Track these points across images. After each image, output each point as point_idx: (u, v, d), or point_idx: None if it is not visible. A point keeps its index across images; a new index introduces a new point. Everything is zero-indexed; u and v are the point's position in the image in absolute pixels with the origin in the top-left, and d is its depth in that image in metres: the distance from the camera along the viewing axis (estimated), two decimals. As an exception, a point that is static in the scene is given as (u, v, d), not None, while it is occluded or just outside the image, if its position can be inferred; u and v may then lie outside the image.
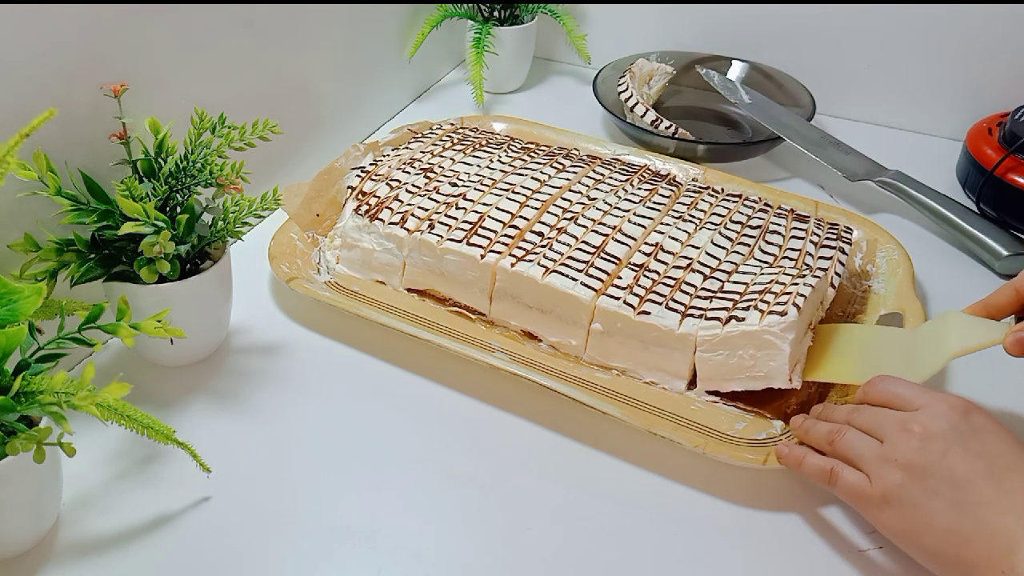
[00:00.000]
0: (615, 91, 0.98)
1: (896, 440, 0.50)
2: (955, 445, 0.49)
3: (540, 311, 0.66)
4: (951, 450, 0.48)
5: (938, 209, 0.82)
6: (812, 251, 0.69)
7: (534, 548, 0.54)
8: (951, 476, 0.48)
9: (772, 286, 0.63)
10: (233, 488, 0.56)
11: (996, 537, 0.46)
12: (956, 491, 0.47)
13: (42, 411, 0.47)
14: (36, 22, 0.56)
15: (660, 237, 0.70)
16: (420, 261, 0.70)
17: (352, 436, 0.61)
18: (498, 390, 0.64)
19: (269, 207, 0.62)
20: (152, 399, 0.62)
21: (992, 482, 0.47)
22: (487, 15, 1.04)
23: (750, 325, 0.60)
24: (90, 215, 0.57)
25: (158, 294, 0.59)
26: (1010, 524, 0.46)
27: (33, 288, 0.48)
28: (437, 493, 0.57)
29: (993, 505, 0.46)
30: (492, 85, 1.05)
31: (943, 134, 0.98)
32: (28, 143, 0.46)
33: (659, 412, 0.60)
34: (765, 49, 1.02)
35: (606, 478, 0.58)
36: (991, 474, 0.47)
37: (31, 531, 0.51)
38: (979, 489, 0.47)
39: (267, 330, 0.69)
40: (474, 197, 0.73)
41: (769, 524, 0.56)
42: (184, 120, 0.63)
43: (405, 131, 0.86)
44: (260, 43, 0.76)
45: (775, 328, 0.59)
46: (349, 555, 0.53)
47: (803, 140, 0.89)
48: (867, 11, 0.96)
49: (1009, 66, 0.92)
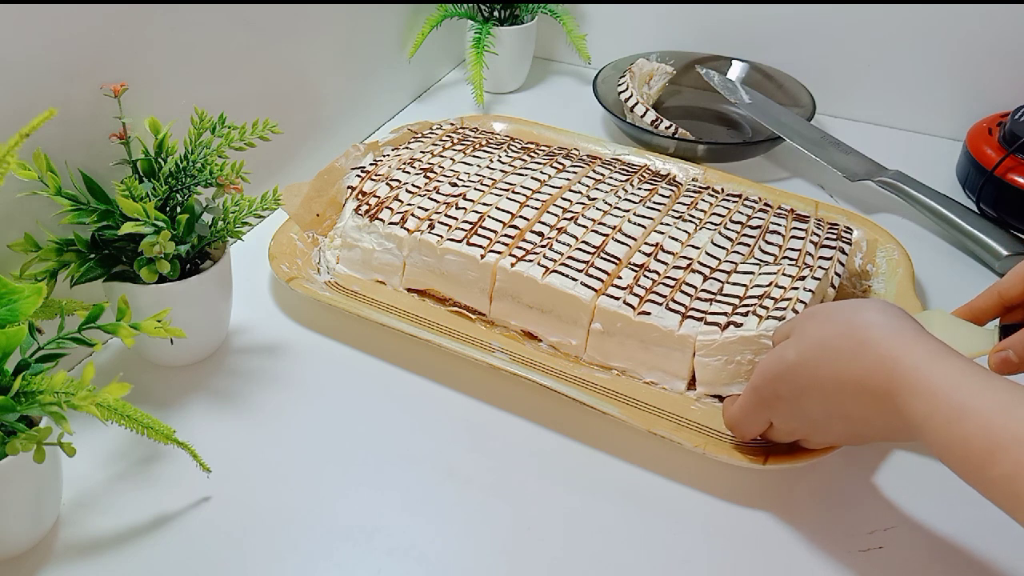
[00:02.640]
0: (615, 91, 0.98)
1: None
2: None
3: (540, 311, 0.66)
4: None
5: (938, 209, 0.82)
6: (812, 251, 0.69)
7: (534, 548, 0.54)
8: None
9: (772, 289, 0.63)
10: (233, 488, 0.56)
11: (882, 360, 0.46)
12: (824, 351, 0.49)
13: (42, 411, 0.47)
14: (36, 22, 0.56)
15: (660, 237, 0.70)
16: (420, 261, 0.70)
17: (352, 436, 0.61)
18: (498, 390, 0.64)
19: (269, 207, 0.62)
20: (152, 399, 0.62)
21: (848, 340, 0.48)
22: (487, 15, 1.04)
23: (748, 331, 0.60)
24: (90, 215, 0.57)
25: (158, 294, 0.59)
26: (889, 345, 0.46)
27: (33, 288, 0.48)
28: (437, 493, 0.57)
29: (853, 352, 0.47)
30: (492, 85, 1.05)
31: (943, 134, 0.98)
32: (28, 143, 0.46)
33: (659, 412, 0.60)
34: (765, 49, 1.02)
35: (606, 478, 0.58)
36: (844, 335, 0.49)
37: (31, 531, 0.51)
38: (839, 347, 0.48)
39: (267, 330, 0.69)
40: (474, 197, 0.73)
41: (769, 524, 0.56)
42: (184, 120, 0.63)
43: (405, 131, 0.86)
44: (260, 43, 0.76)
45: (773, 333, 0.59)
46: (349, 555, 0.53)
47: (803, 140, 0.89)
48: (867, 11, 0.96)
49: (1009, 66, 0.92)
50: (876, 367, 0.46)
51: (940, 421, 0.42)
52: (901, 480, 0.59)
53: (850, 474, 0.59)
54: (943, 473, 0.58)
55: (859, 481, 0.58)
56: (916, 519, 0.56)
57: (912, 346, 0.45)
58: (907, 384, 0.44)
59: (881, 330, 0.47)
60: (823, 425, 0.51)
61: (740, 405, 0.55)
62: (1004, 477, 0.39)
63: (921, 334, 0.46)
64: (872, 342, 0.46)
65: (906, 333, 0.46)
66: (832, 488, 0.58)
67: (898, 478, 0.59)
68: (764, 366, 0.52)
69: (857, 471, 0.59)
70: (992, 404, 0.41)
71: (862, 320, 0.48)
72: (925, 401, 0.43)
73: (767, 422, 0.54)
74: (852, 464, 0.59)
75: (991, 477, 0.40)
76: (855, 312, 0.49)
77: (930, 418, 0.43)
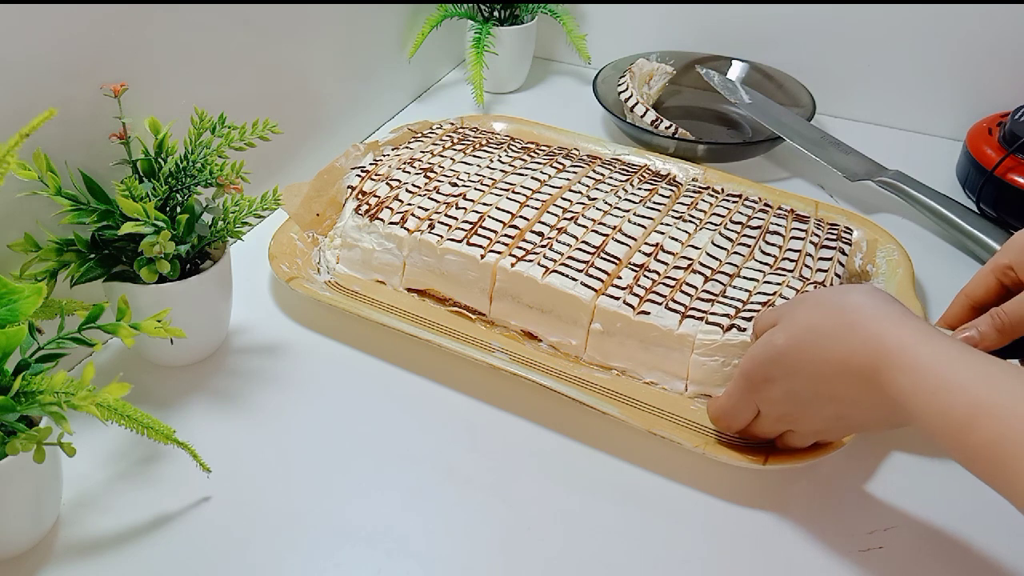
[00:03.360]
0: (615, 91, 0.98)
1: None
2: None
3: (540, 311, 0.66)
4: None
5: (938, 209, 0.82)
6: (812, 252, 0.69)
7: (534, 548, 0.54)
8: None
9: (776, 299, 0.63)
10: (233, 488, 0.56)
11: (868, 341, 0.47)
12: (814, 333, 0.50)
13: (42, 411, 0.47)
14: (36, 22, 0.56)
15: (660, 237, 0.70)
16: (420, 261, 0.70)
17: (352, 436, 0.61)
18: (498, 390, 0.64)
19: (269, 207, 0.62)
20: (152, 399, 0.62)
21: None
22: (487, 15, 1.04)
23: (750, 336, 0.60)
24: (90, 215, 0.57)
25: (158, 294, 0.59)
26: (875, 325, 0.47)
27: (33, 288, 0.48)
28: (437, 493, 0.57)
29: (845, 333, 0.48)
30: (492, 85, 1.05)
31: (943, 134, 0.98)
32: (28, 143, 0.46)
33: (659, 412, 0.60)
34: (765, 49, 1.02)
35: (606, 478, 0.58)
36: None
37: (31, 531, 0.51)
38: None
39: (267, 330, 0.69)
40: (474, 197, 0.73)
41: (769, 524, 0.56)
42: (184, 120, 0.63)
43: (405, 131, 0.86)
44: (260, 43, 0.76)
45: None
46: (349, 555, 0.53)
47: (803, 140, 0.89)
48: (867, 11, 0.96)
49: (1009, 66, 0.92)
50: (863, 347, 0.47)
51: (923, 394, 0.44)
52: (901, 480, 0.59)
53: (850, 474, 0.59)
54: (943, 473, 0.59)
55: (859, 481, 0.58)
56: (916, 519, 0.56)
57: (899, 326, 0.46)
58: (892, 361, 0.45)
59: (868, 311, 0.48)
60: (811, 409, 0.52)
61: (728, 392, 0.56)
62: (983, 444, 0.41)
63: (907, 315, 0.47)
64: (859, 323, 0.47)
65: (893, 315, 0.47)
66: (832, 488, 0.58)
67: (898, 478, 0.59)
68: (753, 352, 0.53)
69: (857, 471, 0.59)
70: (973, 375, 0.43)
71: (850, 302, 0.49)
72: (909, 376, 0.44)
73: (754, 410, 0.55)
74: (852, 464, 0.59)
75: (971, 444, 0.42)
76: (843, 295, 0.50)
77: (914, 392, 0.44)
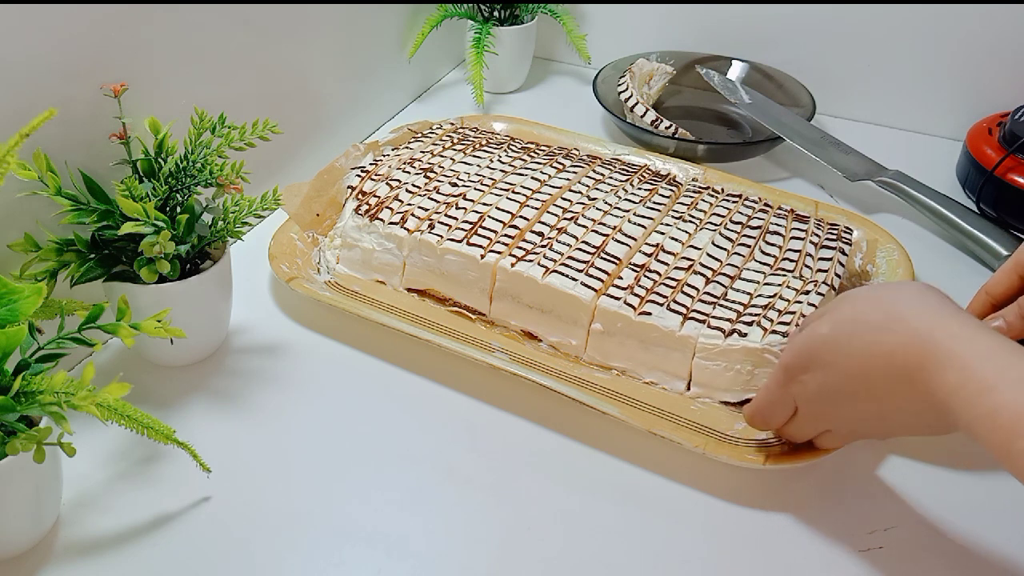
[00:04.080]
0: (615, 91, 0.98)
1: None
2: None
3: (540, 311, 0.66)
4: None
5: (938, 209, 0.82)
6: (812, 252, 0.69)
7: (534, 548, 0.54)
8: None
9: (776, 301, 0.63)
10: (233, 488, 0.56)
11: (915, 331, 0.46)
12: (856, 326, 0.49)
13: (42, 411, 0.47)
14: (36, 22, 0.56)
15: (660, 237, 0.70)
16: (420, 261, 0.70)
17: (352, 436, 0.61)
18: (498, 390, 0.64)
19: (269, 207, 0.62)
20: (152, 399, 0.62)
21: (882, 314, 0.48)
22: (487, 15, 1.04)
23: (752, 342, 0.60)
24: (90, 215, 0.57)
25: (158, 294, 0.59)
26: (922, 320, 0.46)
27: (33, 288, 0.48)
28: (437, 493, 0.57)
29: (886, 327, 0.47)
30: (492, 85, 1.05)
31: (943, 134, 0.98)
32: (28, 143, 0.46)
33: (659, 412, 0.60)
34: (765, 49, 1.02)
35: (606, 478, 0.58)
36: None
37: (31, 531, 0.51)
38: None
39: (267, 330, 0.69)
40: (474, 197, 0.73)
41: (770, 524, 0.56)
42: (184, 120, 0.63)
43: (405, 131, 0.86)
44: (260, 43, 0.76)
45: (776, 348, 0.59)
46: (349, 555, 0.53)
47: (803, 140, 0.89)
48: (867, 11, 0.96)
49: (1009, 66, 0.92)
50: (909, 339, 0.45)
51: (970, 393, 0.42)
52: (901, 480, 0.59)
53: (850, 474, 0.59)
54: (943, 473, 0.59)
55: (859, 481, 0.58)
56: (916, 519, 0.56)
57: (948, 320, 0.45)
58: (939, 356, 0.44)
59: (916, 304, 0.47)
60: (849, 406, 0.51)
61: (765, 387, 0.54)
62: None
63: (958, 311, 0.46)
64: (906, 316, 0.46)
65: (944, 309, 0.46)
66: (832, 488, 0.58)
67: (898, 478, 0.59)
68: (795, 342, 0.52)
69: (857, 471, 0.59)
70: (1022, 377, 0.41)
71: (898, 295, 0.48)
72: (956, 373, 0.43)
73: (791, 406, 0.53)
74: (852, 464, 0.59)
75: (1018, 450, 0.39)
76: (891, 290, 0.49)
77: (960, 390, 0.42)
